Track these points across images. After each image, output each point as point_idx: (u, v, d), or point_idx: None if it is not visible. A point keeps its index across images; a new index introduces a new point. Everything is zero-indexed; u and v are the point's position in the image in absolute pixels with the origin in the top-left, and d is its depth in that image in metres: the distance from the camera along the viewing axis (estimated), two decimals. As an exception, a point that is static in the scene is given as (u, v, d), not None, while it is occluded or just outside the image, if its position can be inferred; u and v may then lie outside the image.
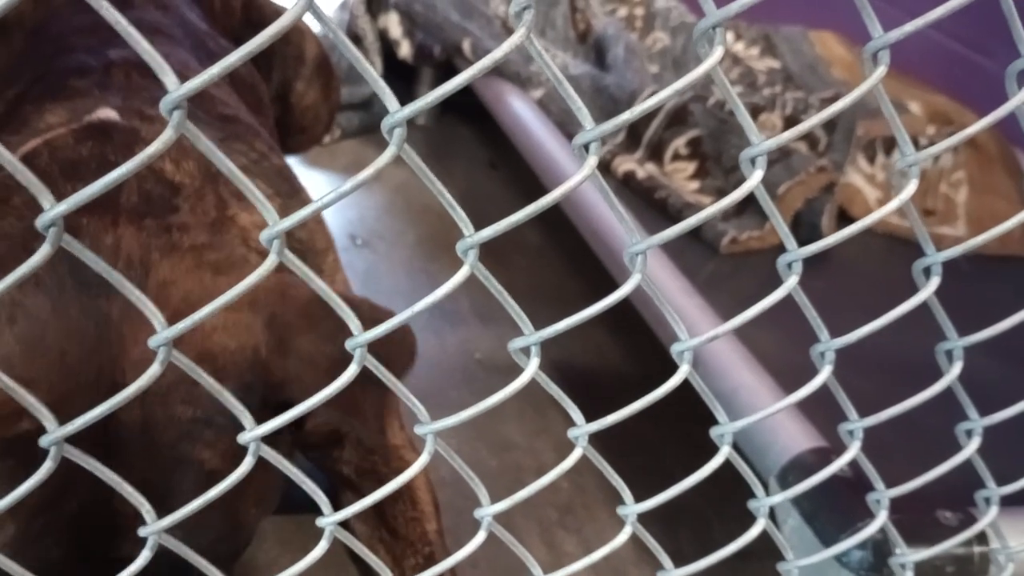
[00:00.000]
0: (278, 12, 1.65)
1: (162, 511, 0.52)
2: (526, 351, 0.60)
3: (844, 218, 1.85)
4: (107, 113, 0.99)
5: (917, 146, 0.62)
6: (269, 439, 0.58)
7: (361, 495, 1.17)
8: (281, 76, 1.64)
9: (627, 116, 0.53)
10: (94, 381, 0.73)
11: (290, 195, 1.10)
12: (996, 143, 2.12)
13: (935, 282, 0.68)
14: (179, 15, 1.32)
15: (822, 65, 2.42)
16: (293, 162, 1.52)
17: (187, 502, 0.56)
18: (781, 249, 0.64)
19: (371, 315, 0.72)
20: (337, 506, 0.64)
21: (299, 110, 1.68)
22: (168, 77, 0.44)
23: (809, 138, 1.96)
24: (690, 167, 1.93)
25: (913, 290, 0.69)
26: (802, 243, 0.63)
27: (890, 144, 2.03)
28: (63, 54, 1.13)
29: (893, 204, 0.61)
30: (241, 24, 1.58)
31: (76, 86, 1.05)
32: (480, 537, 0.68)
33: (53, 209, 0.46)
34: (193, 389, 0.75)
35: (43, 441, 0.54)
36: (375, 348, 0.73)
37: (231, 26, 1.54)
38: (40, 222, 0.46)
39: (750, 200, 0.59)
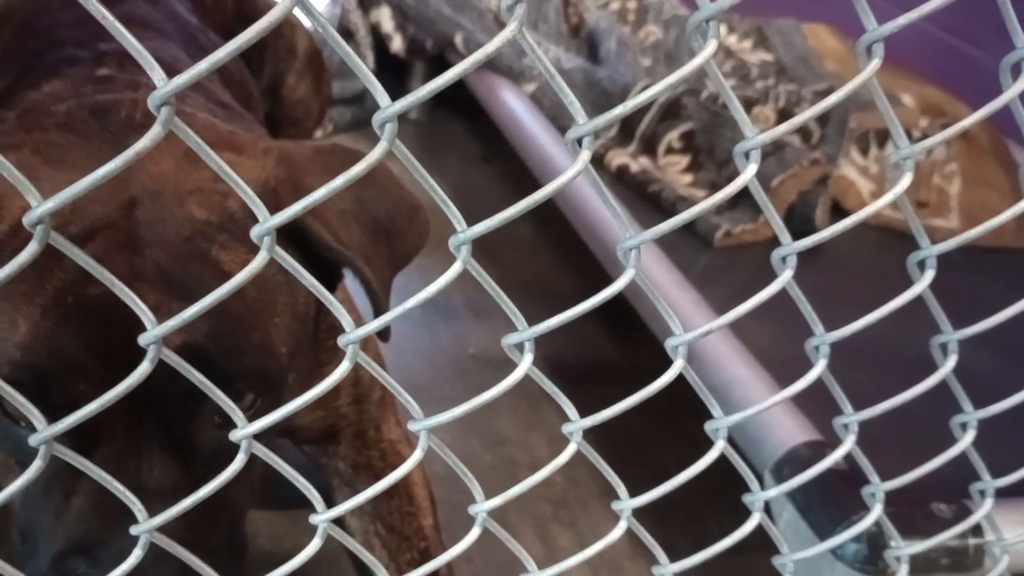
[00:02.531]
0: (271, 6, 1.63)
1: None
2: (520, 347, 0.60)
3: (838, 211, 1.84)
4: (107, 71, 1.05)
5: (910, 138, 0.62)
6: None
7: (356, 490, 1.17)
8: (272, 69, 1.64)
9: (620, 111, 0.53)
10: (112, 193, 0.80)
11: None
12: (988, 135, 2.12)
13: (930, 275, 0.68)
14: (169, 9, 1.31)
15: (814, 57, 2.42)
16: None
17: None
18: (775, 242, 0.64)
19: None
20: (331, 501, 0.64)
21: (290, 103, 1.68)
22: (156, 73, 0.44)
23: (802, 131, 1.96)
24: (683, 160, 1.92)
25: (906, 282, 0.69)
26: (796, 236, 0.63)
27: (883, 136, 2.03)
28: (53, 48, 1.13)
29: (888, 198, 0.61)
30: (234, 19, 1.57)
31: (69, 72, 1.06)
32: (475, 533, 0.68)
33: (41, 207, 0.46)
34: (209, 197, 0.82)
35: (32, 440, 0.53)
36: (394, 219, 0.89)
37: (222, 21, 1.53)
38: (28, 219, 0.46)
39: (743, 193, 0.59)
